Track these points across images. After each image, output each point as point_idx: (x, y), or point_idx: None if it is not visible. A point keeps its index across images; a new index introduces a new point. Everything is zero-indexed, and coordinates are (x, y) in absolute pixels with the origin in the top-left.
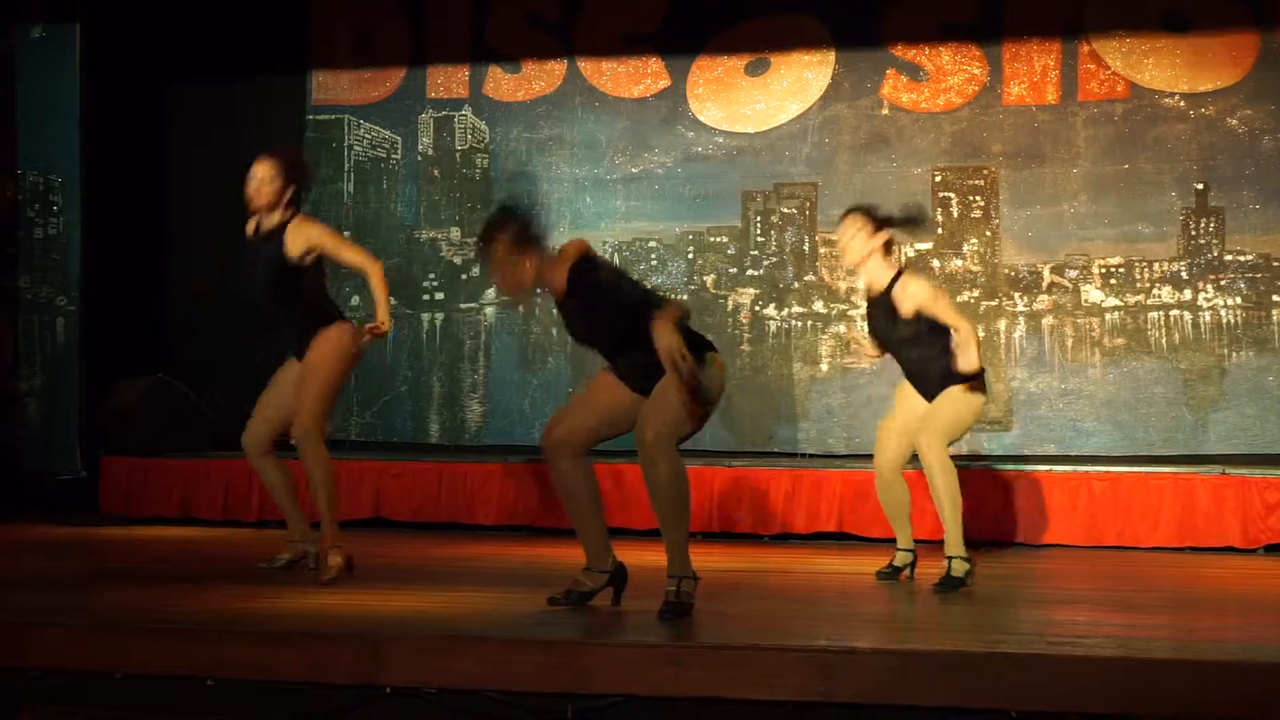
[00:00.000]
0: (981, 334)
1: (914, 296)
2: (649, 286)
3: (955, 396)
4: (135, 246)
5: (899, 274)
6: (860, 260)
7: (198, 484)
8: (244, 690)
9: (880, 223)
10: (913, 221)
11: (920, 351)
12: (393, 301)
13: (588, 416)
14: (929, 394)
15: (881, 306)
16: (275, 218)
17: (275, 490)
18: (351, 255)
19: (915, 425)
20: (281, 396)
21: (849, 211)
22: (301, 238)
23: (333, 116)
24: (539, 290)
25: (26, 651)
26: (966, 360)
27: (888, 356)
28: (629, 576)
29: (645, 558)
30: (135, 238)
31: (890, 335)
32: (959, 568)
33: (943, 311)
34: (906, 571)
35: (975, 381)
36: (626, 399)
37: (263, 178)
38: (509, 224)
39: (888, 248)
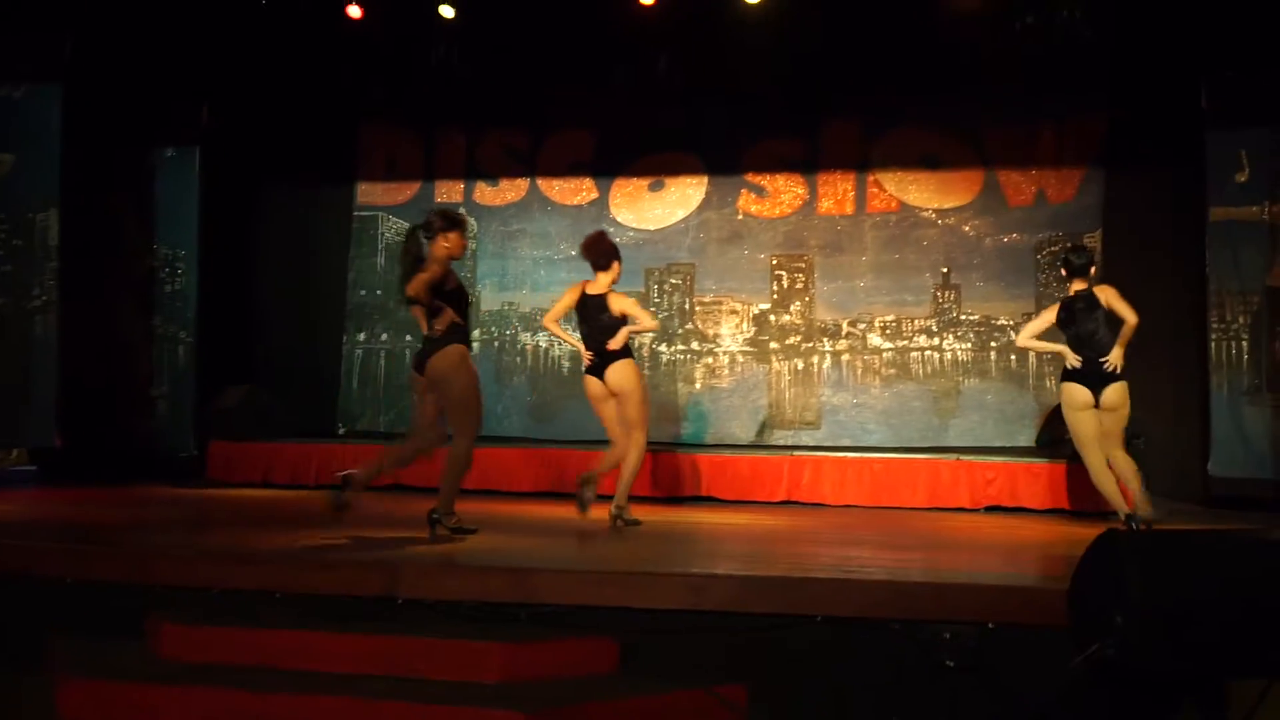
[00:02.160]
0: (800, 366)
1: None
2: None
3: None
4: (235, 297)
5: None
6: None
7: (275, 460)
8: (301, 601)
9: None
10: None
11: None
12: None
13: None
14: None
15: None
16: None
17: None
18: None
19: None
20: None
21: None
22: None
23: (370, 214)
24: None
25: (152, 573)
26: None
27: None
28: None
29: (559, 513)
30: (235, 291)
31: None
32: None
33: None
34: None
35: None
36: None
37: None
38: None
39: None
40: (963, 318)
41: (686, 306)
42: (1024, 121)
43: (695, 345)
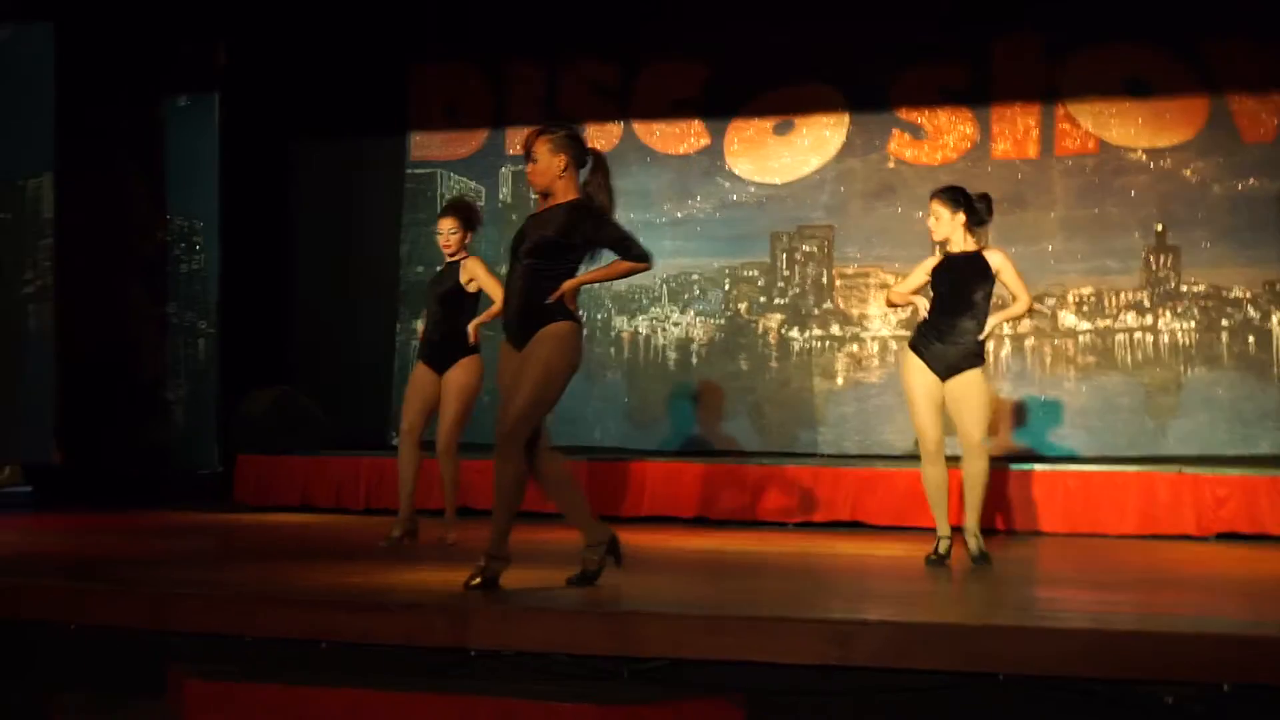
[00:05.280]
0: None
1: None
2: (692, 313)
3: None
4: (265, 277)
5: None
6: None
7: (314, 478)
8: (351, 652)
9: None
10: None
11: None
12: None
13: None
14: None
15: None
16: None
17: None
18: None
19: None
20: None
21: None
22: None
23: (428, 170)
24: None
25: (172, 618)
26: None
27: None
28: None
29: (670, 542)
30: (265, 270)
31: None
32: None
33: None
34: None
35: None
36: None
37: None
38: (562, 131)
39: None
40: (1184, 289)
41: (824, 280)
42: (1261, 30)
43: (836, 329)
